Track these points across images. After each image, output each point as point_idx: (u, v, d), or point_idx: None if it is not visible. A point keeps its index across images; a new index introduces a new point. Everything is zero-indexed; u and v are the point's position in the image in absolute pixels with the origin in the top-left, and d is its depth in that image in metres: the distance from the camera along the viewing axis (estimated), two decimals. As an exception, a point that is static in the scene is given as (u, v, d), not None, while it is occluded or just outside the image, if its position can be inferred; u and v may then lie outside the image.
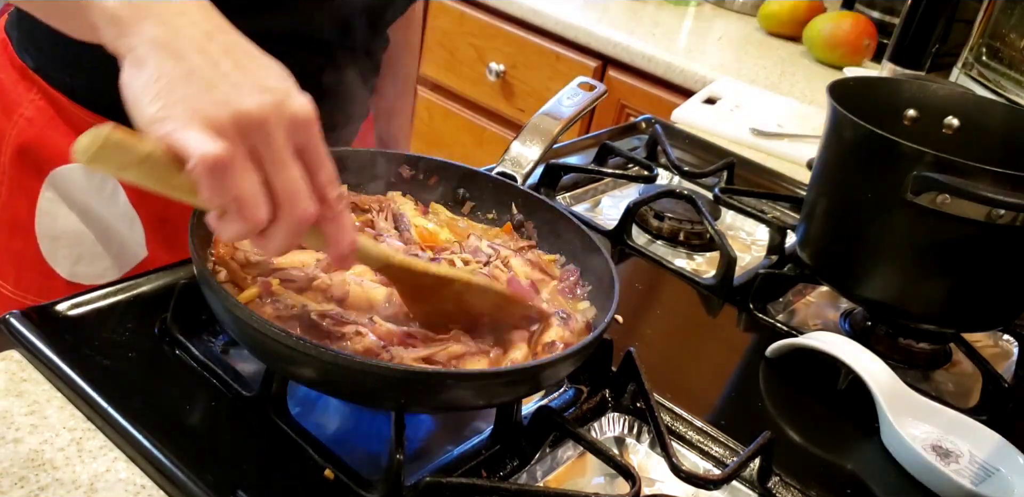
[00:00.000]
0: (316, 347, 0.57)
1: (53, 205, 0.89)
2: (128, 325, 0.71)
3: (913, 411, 0.78)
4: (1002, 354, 0.97)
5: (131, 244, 0.92)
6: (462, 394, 0.60)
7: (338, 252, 0.52)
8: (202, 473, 0.58)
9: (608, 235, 1.01)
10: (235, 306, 0.59)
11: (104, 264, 0.92)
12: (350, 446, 0.66)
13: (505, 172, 0.88)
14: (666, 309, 0.93)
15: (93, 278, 0.92)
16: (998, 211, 0.76)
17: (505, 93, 2.02)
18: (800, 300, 1.01)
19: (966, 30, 1.46)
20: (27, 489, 0.56)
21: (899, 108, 0.96)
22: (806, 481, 0.69)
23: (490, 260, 0.76)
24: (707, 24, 2.01)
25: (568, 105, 0.95)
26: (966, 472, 0.73)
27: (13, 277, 0.92)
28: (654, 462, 0.73)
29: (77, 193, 0.89)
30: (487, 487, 0.61)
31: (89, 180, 0.88)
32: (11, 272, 0.92)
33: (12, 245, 0.91)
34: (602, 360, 0.74)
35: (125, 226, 0.91)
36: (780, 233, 1.01)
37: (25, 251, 0.91)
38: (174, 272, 0.77)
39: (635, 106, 1.79)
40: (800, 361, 0.84)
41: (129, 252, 0.92)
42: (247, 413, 0.65)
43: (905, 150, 0.78)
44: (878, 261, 0.86)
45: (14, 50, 0.89)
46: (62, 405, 0.63)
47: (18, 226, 0.90)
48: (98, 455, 0.60)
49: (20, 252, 0.91)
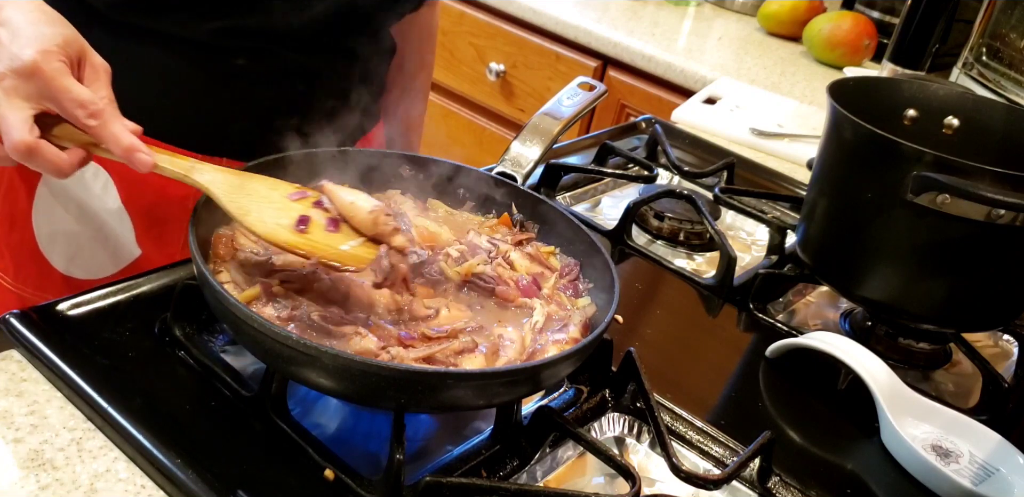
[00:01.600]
0: (316, 347, 0.57)
1: (51, 199, 0.90)
2: (128, 325, 0.71)
3: (913, 411, 0.78)
4: (1002, 354, 0.98)
5: (124, 241, 0.92)
6: (462, 394, 0.60)
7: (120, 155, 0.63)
8: (202, 473, 0.58)
9: (608, 235, 1.01)
10: (235, 306, 0.59)
11: (99, 260, 0.93)
12: (350, 446, 0.66)
13: (505, 172, 0.88)
14: (666, 309, 0.93)
15: (88, 273, 0.93)
16: (998, 211, 0.76)
17: (505, 93, 2.02)
18: (800, 300, 1.01)
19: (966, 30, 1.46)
20: (27, 489, 0.56)
21: (899, 108, 0.96)
22: (806, 481, 0.70)
23: (491, 256, 0.76)
24: (707, 24, 2.01)
25: (568, 105, 0.95)
26: (966, 472, 0.73)
27: (12, 270, 0.93)
28: (654, 462, 0.73)
29: (72, 189, 0.90)
30: (487, 487, 0.61)
31: (84, 176, 0.89)
32: (10, 265, 0.93)
33: (11, 238, 0.92)
34: (602, 360, 0.74)
35: (117, 222, 0.91)
36: (780, 233, 1.01)
37: (23, 244, 0.92)
38: (174, 272, 0.77)
39: (635, 106, 1.79)
40: (800, 361, 0.84)
41: (123, 249, 0.93)
42: (247, 413, 0.65)
43: (905, 150, 0.78)
44: (878, 261, 0.86)
45: None
46: (62, 405, 0.63)
47: (17, 219, 0.91)
48: (98, 455, 0.60)
49: (18, 245, 0.92)
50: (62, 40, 0.63)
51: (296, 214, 0.67)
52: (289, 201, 0.68)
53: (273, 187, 0.69)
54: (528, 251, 0.78)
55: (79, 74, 0.64)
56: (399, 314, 0.68)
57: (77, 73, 0.64)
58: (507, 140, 0.96)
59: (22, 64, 0.60)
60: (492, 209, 0.85)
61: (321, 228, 0.67)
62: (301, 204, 0.69)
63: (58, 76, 0.61)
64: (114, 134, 0.63)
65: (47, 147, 0.62)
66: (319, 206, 0.69)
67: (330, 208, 0.68)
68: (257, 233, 0.65)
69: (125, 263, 0.93)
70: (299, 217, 0.67)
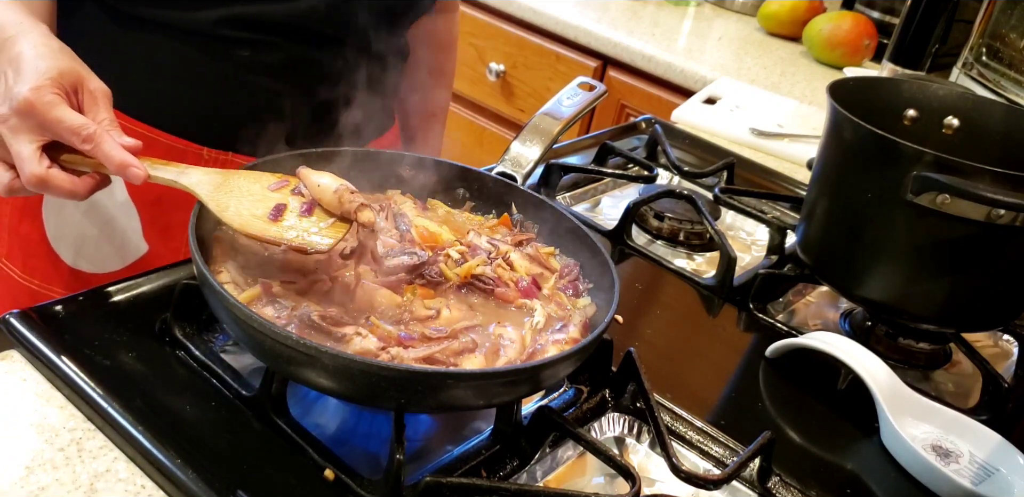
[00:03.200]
0: (316, 347, 0.57)
1: None
2: (128, 325, 0.71)
3: (913, 411, 0.78)
4: (1002, 354, 0.98)
5: (131, 235, 0.93)
6: (462, 394, 0.60)
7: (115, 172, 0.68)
8: (202, 473, 0.58)
9: (608, 235, 1.01)
10: (235, 306, 0.59)
11: (106, 254, 0.93)
12: (350, 446, 0.66)
13: (505, 172, 0.88)
14: (666, 309, 0.93)
15: (96, 267, 0.93)
16: (998, 211, 0.76)
17: (505, 93, 2.02)
18: (800, 300, 1.01)
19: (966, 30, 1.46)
20: (27, 489, 0.56)
21: (899, 108, 0.96)
22: (806, 481, 0.70)
23: (491, 257, 0.76)
24: (707, 24, 2.01)
25: (568, 105, 0.95)
26: (966, 472, 0.73)
27: (21, 261, 0.94)
28: (654, 462, 0.73)
29: None
30: (487, 487, 0.61)
31: None
32: (19, 256, 0.94)
33: (21, 230, 0.93)
34: (602, 360, 0.74)
35: (124, 216, 0.92)
36: (780, 233, 1.01)
37: (32, 236, 0.93)
38: (174, 272, 0.77)
39: (635, 106, 1.79)
40: (800, 361, 0.84)
41: (130, 243, 0.93)
42: (247, 413, 0.65)
43: (905, 150, 0.78)
44: (878, 261, 0.86)
45: None
46: (62, 405, 0.64)
47: (28, 211, 0.92)
48: (98, 455, 0.60)
49: (28, 237, 0.93)
50: (56, 73, 0.68)
51: (273, 203, 0.69)
52: (268, 192, 0.71)
53: (255, 180, 0.72)
54: (528, 252, 0.78)
55: (78, 101, 0.69)
56: (400, 315, 0.68)
57: (75, 100, 0.69)
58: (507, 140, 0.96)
59: (19, 103, 0.66)
60: (492, 209, 0.85)
61: (295, 214, 0.69)
62: (280, 193, 0.71)
63: (51, 109, 0.66)
64: (106, 154, 0.67)
65: (58, 176, 0.67)
66: (297, 193, 0.71)
67: (306, 193, 0.71)
68: (233, 226, 0.68)
69: (132, 259, 0.94)
70: (275, 206, 0.69)
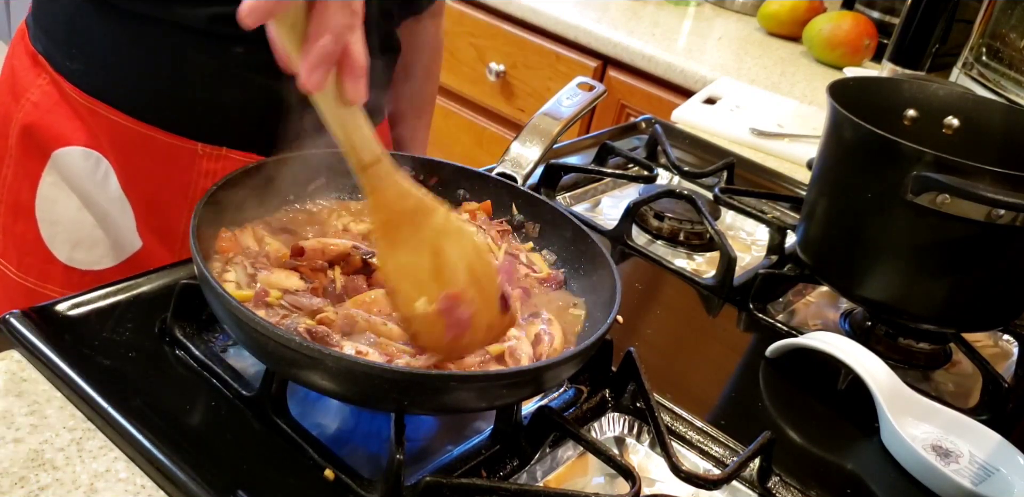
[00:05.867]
0: (320, 350, 0.56)
1: (53, 189, 0.91)
2: (128, 325, 0.71)
3: (913, 411, 0.78)
4: (1002, 354, 0.98)
5: (125, 231, 0.93)
6: (463, 396, 0.60)
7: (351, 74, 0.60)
8: (202, 473, 0.58)
9: (608, 235, 1.01)
10: (236, 307, 0.59)
11: (101, 250, 0.93)
12: (350, 446, 0.66)
13: (505, 172, 0.88)
14: (666, 309, 0.93)
15: (90, 264, 0.93)
16: (998, 211, 0.76)
17: (505, 93, 2.02)
18: (800, 300, 1.01)
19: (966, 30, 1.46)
20: (27, 489, 0.56)
21: (899, 108, 0.96)
22: (806, 481, 0.70)
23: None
24: (707, 24, 2.01)
25: (568, 105, 0.95)
26: (966, 472, 0.73)
27: (15, 259, 0.94)
28: (654, 462, 0.73)
29: (76, 178, 0.90)
30: (487, 487, 0.61)
31: (84, 165, 0.90)
32: (13, 254, 0.94)
33: (15, 227, 0.93)
34: (602, 360, 0.74)
35: (118, 212, 0.92)
36: (780, 233, 1.01)
37: (27, 234, 0.92)
38: (174, 272, 0.77)
39: (635, 106, 1.79)
40: (800, 361, 0.84)
41: (124, 239, 0.93)
42: (247, 413, 0.65)
43: (905, 150, 0.78)
44: (878, 261, 0.86)
45: (30, 38, 0.92)
46: (62, 405, 0.63)
47: (21, 209, 0.92)
48: (98, 455, 0.60)
49: (22, 234, 0.93)
50: None
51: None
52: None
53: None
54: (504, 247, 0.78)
55: None
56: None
57: None
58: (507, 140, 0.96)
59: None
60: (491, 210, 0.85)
61: None
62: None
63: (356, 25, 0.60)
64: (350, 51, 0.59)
65: None
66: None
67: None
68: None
69: (126, 255, 0.94)
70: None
